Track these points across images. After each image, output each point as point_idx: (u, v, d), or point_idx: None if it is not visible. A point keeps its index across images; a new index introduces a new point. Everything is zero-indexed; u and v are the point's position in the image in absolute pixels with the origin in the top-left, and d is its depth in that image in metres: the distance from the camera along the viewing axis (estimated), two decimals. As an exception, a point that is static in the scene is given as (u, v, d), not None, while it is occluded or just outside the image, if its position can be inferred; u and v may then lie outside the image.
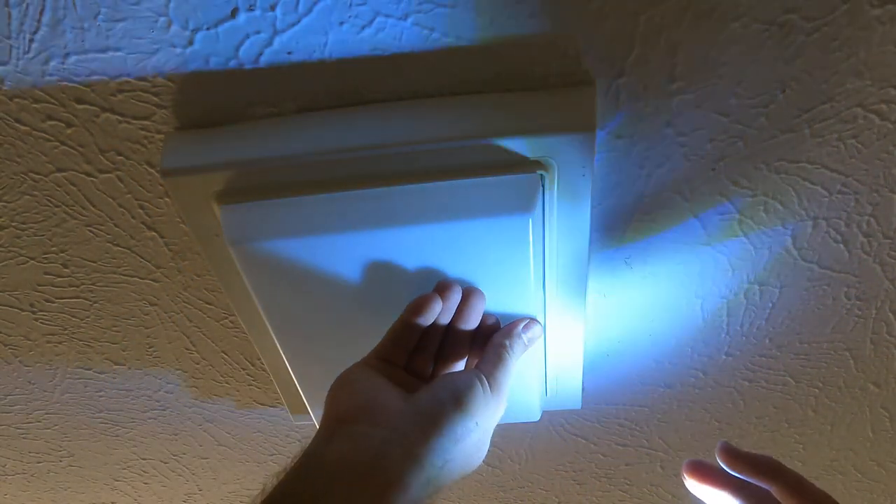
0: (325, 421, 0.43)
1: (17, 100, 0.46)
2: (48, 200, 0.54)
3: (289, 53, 0.43)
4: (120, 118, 0.47)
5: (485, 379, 0.44)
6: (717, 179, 0.50)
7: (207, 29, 0.42)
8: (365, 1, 0.40)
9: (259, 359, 0.69)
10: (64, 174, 0.51)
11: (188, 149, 0.47)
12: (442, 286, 0.47)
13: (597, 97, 0.44)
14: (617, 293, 0.60)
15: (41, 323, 0.66)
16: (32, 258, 0.59)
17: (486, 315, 0.49)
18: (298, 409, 0.69)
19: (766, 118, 0.46)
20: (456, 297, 0.47)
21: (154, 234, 0.56)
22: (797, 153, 0.48)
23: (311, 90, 0.45)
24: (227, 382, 0.73)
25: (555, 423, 0.78)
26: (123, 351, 0.69)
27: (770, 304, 0.61)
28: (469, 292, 0.48)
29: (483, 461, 0.46)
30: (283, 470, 0.39)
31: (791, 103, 0.45)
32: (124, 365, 0.71)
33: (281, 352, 0.56)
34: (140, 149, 0.49)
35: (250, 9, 0.41)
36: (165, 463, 0.90)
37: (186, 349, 0.69)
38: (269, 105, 0.46)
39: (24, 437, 0.85)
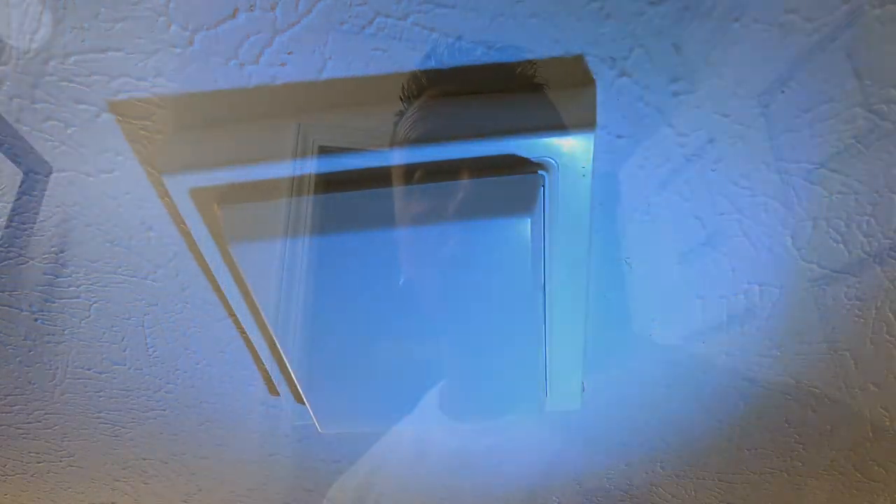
0: None
1: (16, 100, 0.46)
2: (48, 201, 0.54)
3: (289, 53, 0.43)
4: (120, 118, 0.47)
5: None
6: (717, 179, 0.50)
7: (207, 29, 0.42)
8: (365, 1, 0.40)
9: (259, 359, 0.69)
10: (64, 174, 0.51)
11: (188, 149, 0.47)
12: None
13: (597, 97, 0.44)
14: (617, 293, 0.60)
15: (41, 323, 0.66)
16: (32, 258, 0.59)
17: None
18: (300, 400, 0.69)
19: (766, 118, 0.46)
20: None
21: (154, 234, 0.56)
22: (797, 153, 0.48)
23: (310, 90, 0.45)
24: (226, 382, 0.73)
25: (555, 423, 0.78)
26: (123, 351, 0.69)
27: (770, 304, 0.61)
28: None
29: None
30: None
31: (791, 103, 0.45)
32: (124, 365, 0.71)
33: (281, 351, 0.56)
34: (140, 149, 0.49)
35: (250, 9, 0.41)
36: (165, 463, 0.90)
37: (186, 349, 0.69)
38: (268, 105, 0.46)
39: (24, 437, 0.85)
